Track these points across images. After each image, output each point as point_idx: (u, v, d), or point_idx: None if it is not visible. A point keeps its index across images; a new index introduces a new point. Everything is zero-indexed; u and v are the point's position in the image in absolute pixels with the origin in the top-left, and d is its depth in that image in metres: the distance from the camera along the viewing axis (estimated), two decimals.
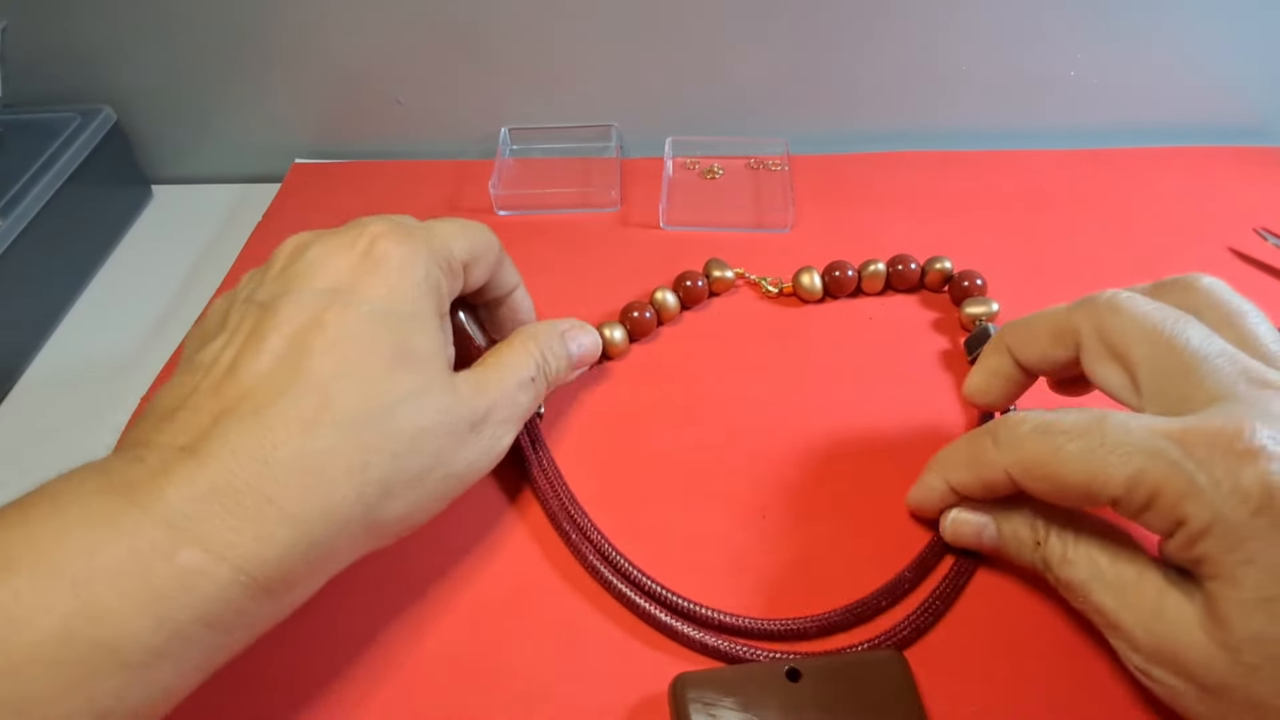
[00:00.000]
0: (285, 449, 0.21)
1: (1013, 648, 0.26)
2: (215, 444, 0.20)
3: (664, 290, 0.37)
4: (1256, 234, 0.40)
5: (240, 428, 0.21)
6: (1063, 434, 0.22)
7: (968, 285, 0.37)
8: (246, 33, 0.44)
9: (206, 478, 0.20)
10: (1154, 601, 0.22)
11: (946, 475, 0.27)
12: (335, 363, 0.22)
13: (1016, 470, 0.24)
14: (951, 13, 0.43)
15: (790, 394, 0.34)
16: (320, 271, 0.24)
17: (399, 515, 0.23)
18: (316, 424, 0.21)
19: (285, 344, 0.22)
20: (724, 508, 0.30)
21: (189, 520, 0.19)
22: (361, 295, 0.24)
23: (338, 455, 0.21)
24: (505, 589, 0.28)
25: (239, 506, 0.20)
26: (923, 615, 0.26)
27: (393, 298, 0.24)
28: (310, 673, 0.26)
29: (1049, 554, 0.25)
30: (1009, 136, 0.47)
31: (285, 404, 0.21)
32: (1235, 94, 0.46)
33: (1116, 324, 0.24)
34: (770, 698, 0.23)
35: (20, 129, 0.42)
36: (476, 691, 0.25)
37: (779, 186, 0.44)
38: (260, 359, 0.22)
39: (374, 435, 0.22)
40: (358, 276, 0.24)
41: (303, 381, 0.22)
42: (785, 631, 0.26)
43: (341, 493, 0.21)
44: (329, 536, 0.21)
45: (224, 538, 0.19)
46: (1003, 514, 0.26)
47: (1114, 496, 0.21)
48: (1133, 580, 0.23)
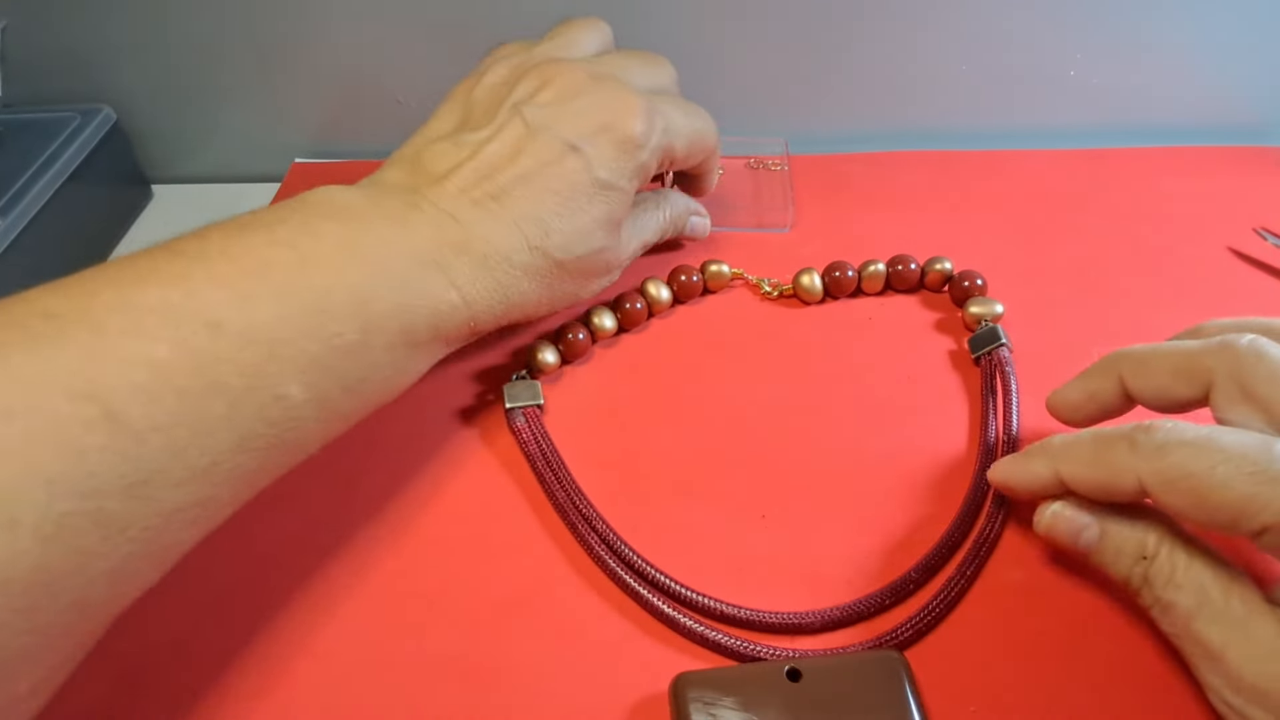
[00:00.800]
0: (516, 256, 0.28)
1: (1013, 649, 0.26)
2: (474, 227, 0.28)
3: (657, 283, 0.37)
4: (1256, 234, 0.40)
5: (493, 224, 0.28)
6: (1220, 452, 0.22)
7: (968, 285, 0.37)
8: (246, 33, 0.44)
9: (469, 250, 0.27)
10: (1269, 641, 0.21)
11: (1060, 465, 0.25)
12: (560, 205, 0.29)
13: (1155, 480, 0.23)
14: (951, 12, 0.43)
15: (791, 394, 0.34)
16: (580, 125, 0.30)
17: (542, 313, 0.31)
18: (536, 248, 0.29)
19: (534, 171, 0.29)
20: (724, 508, 0.30)
21: (454, 273, 0.27)
22: (598, 159, 0.30)
23: (540, 273, 0.29)
24: (506, 587, 0.28)
25: (483, 279, 0.28)
26: (926, 616, 0.26)
27: (617, 171, 0.30)
28: (309, 672, 0.26)
29: (1155, 572, 0.24)
30: (1009, 136, 0.47)
31: (524, 222, 0.29)
32: (1235, 94, 0.46)
33: (1260, 370, 0.23)
34: (771, 697, 0.23)
35: (20, 129, 0.42)
36: (476, 690, 0.25)
37: (779, 186, 0.44)
38: (515, 170, 0.29)
39: (564, 270, 0.30)
40: (602, 143, 0.30)
41: (538, 209, 0.29)
42: (786, 625, 0.26)
43: (531, 297, 0.30)
44: (511, 313, 0.29)
45: (471, 294, 0.27)
46: (1111, 518, 0.25)
47: (1266, 524, 0.21)
48: (1243, 616, 0.22)
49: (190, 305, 0.21)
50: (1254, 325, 0.25)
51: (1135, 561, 0.24)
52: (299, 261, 0.24)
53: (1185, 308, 0.37)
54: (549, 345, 0.34)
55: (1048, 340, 0.35)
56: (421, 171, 0.29)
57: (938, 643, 0.26)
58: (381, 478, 0.31)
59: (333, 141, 0.48)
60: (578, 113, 0.30)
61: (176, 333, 0.21)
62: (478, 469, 0.32)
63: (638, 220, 0.35)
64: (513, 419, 0.32)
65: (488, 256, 0.28)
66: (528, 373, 0.34)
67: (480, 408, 0.34)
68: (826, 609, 0.27)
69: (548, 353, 0.34)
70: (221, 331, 0.21)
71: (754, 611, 0.27)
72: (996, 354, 0.33)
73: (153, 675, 0.26)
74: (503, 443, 0.32)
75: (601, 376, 0.35)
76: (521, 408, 0.32)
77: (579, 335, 0.35)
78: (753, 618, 0.27)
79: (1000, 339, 0.34)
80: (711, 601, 0.27)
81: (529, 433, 0.32)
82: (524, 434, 0.32)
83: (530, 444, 0.31)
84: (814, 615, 0.27)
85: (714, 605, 0.27)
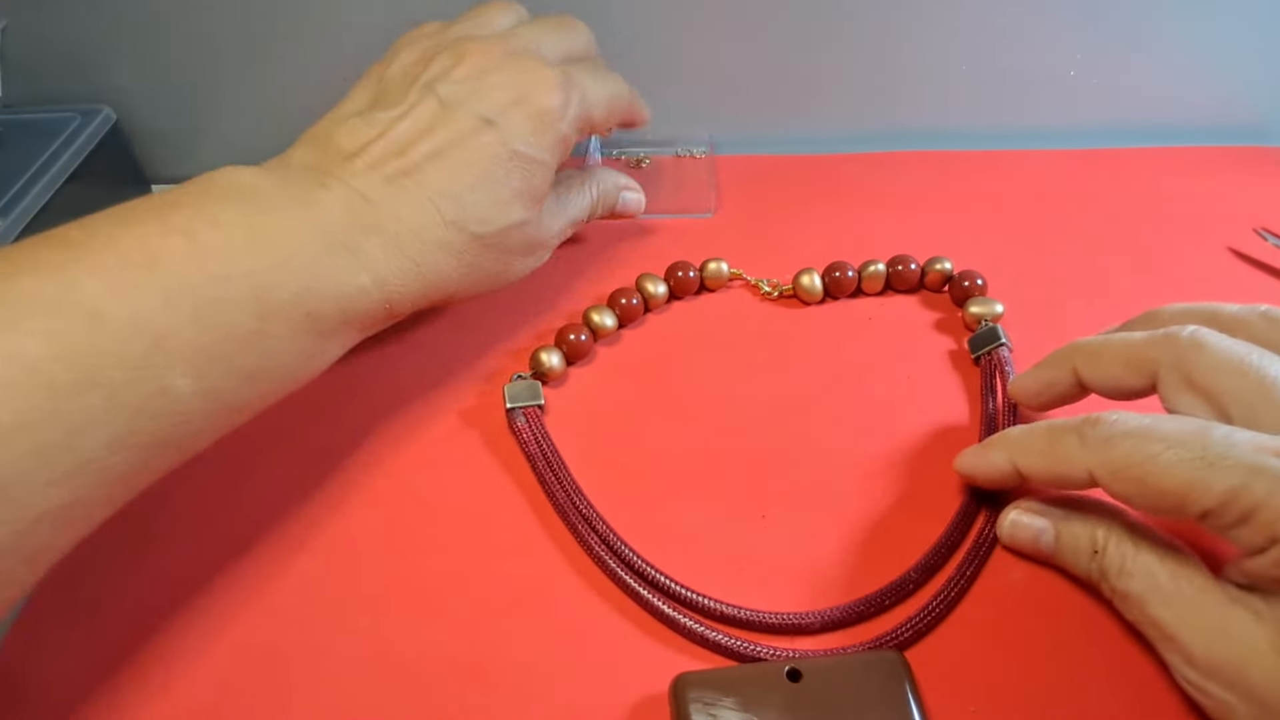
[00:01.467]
0: (430, 233, 0.28)
1: (1013, 649, 0.26)
2: (385, 205, 0.27)
3: (653, 279, 0.37)
4: (1256, 234, 0.40)
5: (406, 201, 0.28)
6: (1161, 441, 0.22)
7: (968, 285, 0.37)
8: (247, 33, 0.44)
9: (381, 229, 0.27)
10: (1217, 620, 0.22)
11: (1016, 457, 0.27)
12: (476, 179, 0.29)
13: (1102, 471, 0.24)
14: (951, 12, 0.43)
15: (792, 394, 0.34)
16: (494, 98, 0.30)
17: (465, 293, 0.31)
18: (453, 224, 0.28)
19: (448, 145, 0.29)
20: (724, 508, 0.30)
21: (365, 255, 0.27)
22: (514, 132, 0.30)
23: (459, 249, 0.29)
24: (506, 587, 0.28)
25: (397, 258, 0.27)
26: (926, 617, 0.26)
27: (534, 143, 0.30)
28: (310, 672, 0.26)
29: (1107, 564, 0.25)
30: (1009, 136, 0.47)
31: (438, 197, 0.28)
32: (1235, 94, 0.46)
33: (1200, 360, 0.24)
34: (771, 698, 0.23)
35: (20, 129, 0.42)
36: (475, 690, 0.25)
37: (702, 173, 0.45)
38: (428, 146, 0.28)
39: (483, 244, 0.30)
40: (518, 115, 0.30)
41: (453, 184, 0.29)
42: (787, 625, 0.27)
43: (450, 274, 0.29)
44: (430, 294, 0.29)
45: (384, 275, 0.27)
46: (1063, 520, 0.27)
47: (1206, 508, 0.21)
48: (1193, 597, 0.23)
49: (69, 296, 0.20)
50: (1202, 312, 0.26)
51: (1090, 557, 0.25)
52: (192, 249, 0.23)
53: None
54: (553, 349, 0.34)
55: (1048, 340, 0.35)
56: (331, 150, 0.29)
57: (938, 643, 0.26)
58: (381, 477, 0.31)
59: None
60: (492, 87, 0.30)
61: (51, 325, 0.20)
62: (478, 469, 0.32)
63: (564, 198, 0.34)
64: (513, 419, 0.32)
65: (399, 234, 0.27)
66: (531, 374, 0.34)
67: (481, 408, 0.34)
68: (826, 609, 0.27)
69: (553, 356, 0.34)
70: (101, 323, 0.21)
71: (754, 612, 0.27)
72: (996, 354, 0.34)
73: (150, 675, 0.26)
74: (504, 443, 0.32)
75: (603, 378, 0.35)
76: (522, 408, 0.32)
77: (581, 336, 0.35)
78: (753, 618, 0.27)
79: (1000, 339, 0.34)
80: (711, 602, 0.27)
81: (529, 433, 0.32)
82: (524, 434, 0.32)
83: (530, 444, 0.31)
84: (814, 615, 0.27)
85: (714, 605, 0.27)
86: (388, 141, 0.28)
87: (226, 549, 0.29)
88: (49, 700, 0.25)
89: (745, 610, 0.27)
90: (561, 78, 0.31)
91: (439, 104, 0.29)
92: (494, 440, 0.33)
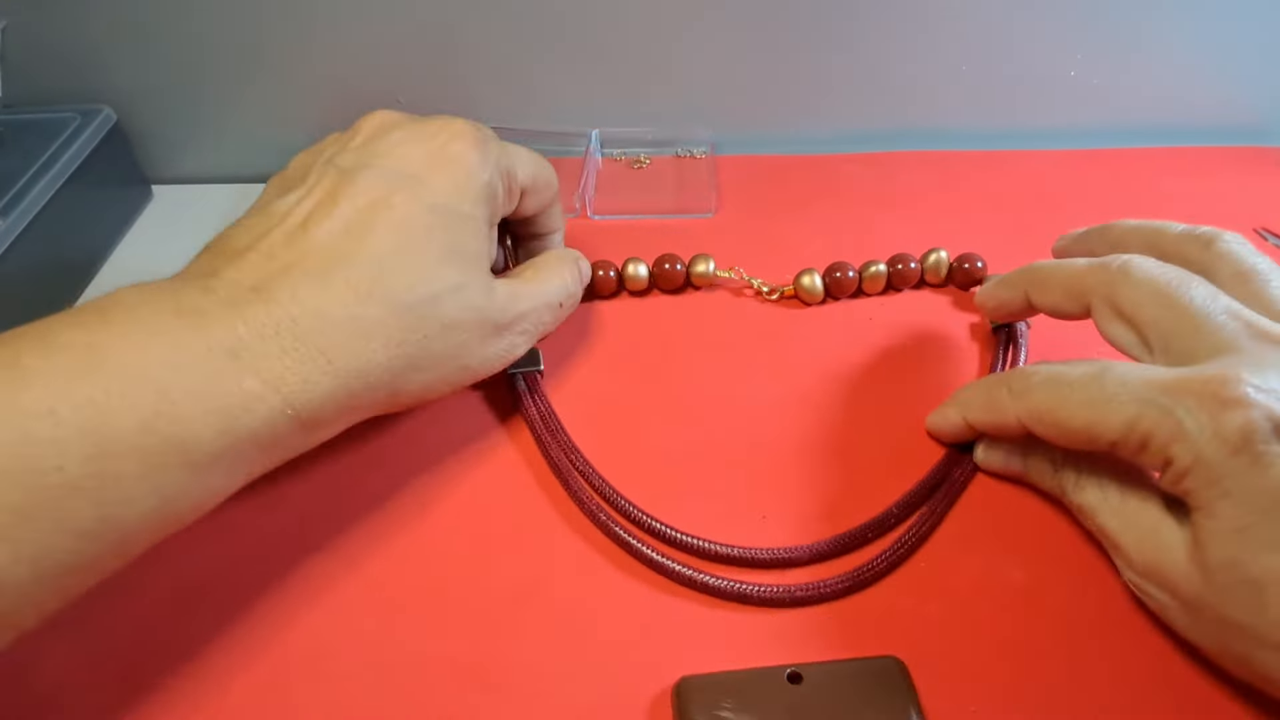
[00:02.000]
0: (341, 311, 0.24)
1: (1013, 651, 0.26)
2: (283, 291, 0.23)
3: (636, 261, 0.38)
4: (1257, 234, 0.40)
5: (306, 281, 0.24)
6: (1068, 385, 0.25)
7: (969, 269, 0.37)
8: (247, 32, 0.44)
9: (272, 320, 0.23)
10: (1151, 527, 0.25)
11: (965, 413, 0.30)
12: (395, 243, 0.25)
13: (1027, 417, 0.27)
14: (951, 12, 0.43)
15: (792, 395, 0.34)
16: (399, 154, 0.27)
17: (414, 391, 0.27)
18: (370, 296, 0.24)
19: (355, 213, 0.25)
20: (725, 508, 0.30)
21: (253, 355, 0.22)
22: (430, 186, 0.26)
23: (382, 326, 0.25)
24: (507, 586, 0.28)
25: (296, 351, 0.23)
26: (900, 549, 0.28)
27: (456, 196, 0.27)
28: (307, 672, 0.26)
29: (1064, 480, 0.28)
30: (1009, 136, 0.47)
31: (348, 269, 0.24)
32: (1235, 94, 0.46)
33: (1126, 288, 0.26)
34: (772, 700, 0.23)
35: (20, 129, 0.42)
36: (476, 690, 0.25)
37: (703, 173, 0.45)
38: (331, 221, 0.25)
39: (414, 316, 0.25)
40: (431, 168, 0.27)
41: (365, 253, 0.25)
42: (775, 560, 0.28)
43: (377, 359, 0.24)
44: (358, 392, 0.24)
45: (280, 375, 0.22)
46: (1032, 445, 0.29)
47: (1111, 440, 0.24)
48: (1135, 508, 0.25)
49: None
50: (1146, 231, 0.29)
51: (1052, 475, 0.28)
52: (8, 382, 0.19)
53: None
54: None
55: (1048, 341, 0.35)
56: (225, 251, 0.25)
57: (938, 644, 0.26)
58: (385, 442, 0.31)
59: None
60: (398, 143, 0.27)
61: None
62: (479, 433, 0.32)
63: (540, 277, 0.31)
64: (515, 383, 0.33)
65: (298, 321, 0.23)
66: None
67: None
68: (812, 543, 0.28)
69: None
70: None
71: (743, 549, 0.28)
72: (1014, 328, 0.35)
73: (148, 673, 0.26)
74: (503, 441, 0.32)
75: (604, 381, 0.35)
76: (523, 372, 0.34)
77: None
78: (741, 554, 0.28)
79: None
80: (700, 541, 0.28)
81: (530, 398, 0.33)
82: (525, 399, 0.33)
83: (530, 409, 0.32)
84: (801, 549, 0.28)
85: (703, 545, 0.28)
86: (286, 227, 0.25)
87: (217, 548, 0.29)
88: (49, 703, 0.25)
89: (734, 548, 0.28)
90: (473, 126, 0.29)
91: (339, 174, 0.26)
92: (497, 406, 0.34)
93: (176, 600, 0.28)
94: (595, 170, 0.46)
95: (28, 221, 0.38)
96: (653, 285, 0.39)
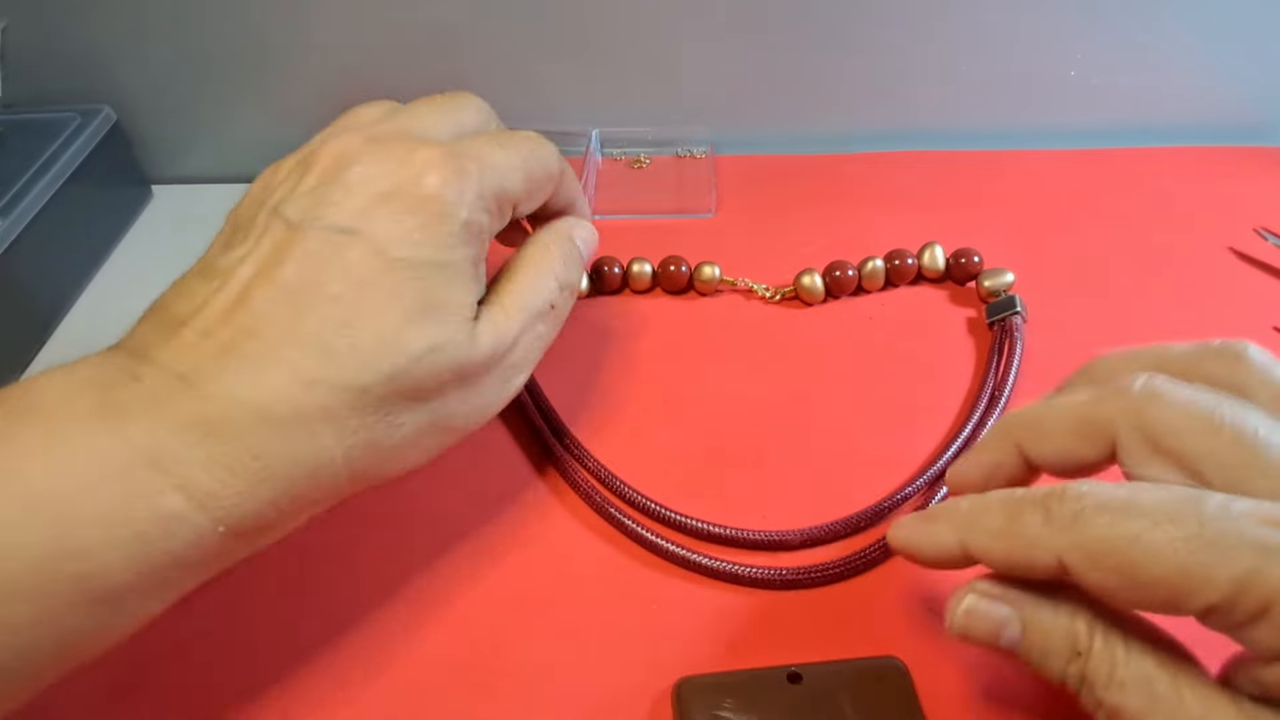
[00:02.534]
0: (281, 406, 0.20)
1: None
2: (213, 385, 0.20)
3: (641, 261, 0.38)
4: (1256, 234, 0.40)
5: (240, 373, 0.20)
6: (1144, 517, 0.18)
7: (965, 263, 0.37)
8: (246, 32, 0.44)
9: (200, 421, 0.19)
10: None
11: (966, 537, 0.21)
12: (347, 312, 0.21)
13: (1075, 556, 0.19)
14: (952, 13, 0.43)
15: (793, 395, 0.34)
16: (356, 199, 0.22)
17: (383, 474, 0.23)
18: (316, 383, 0.20)
19: (300, 279, 0.21)
20: (725, 508, 0.30)
21: (177, 463, 0.19)
22: (392, 237, 0.22)
23: (332, 416, 0.21)
24: (508, 587, 0.28)
25: (226, 457, 0.19)
26: None
27: (428, 243, 0.22)
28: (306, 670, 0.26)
29: (1093, 670, 0.19)
30: (1009, 136, 0.47)
31: (291, 349, 0.20)
32: (1235, 94, 0.46)
33: (1162, 417, 0.20)
34: (772, 700, 0.23)
35: (20, 129, 0.42)
36: (476, 690, 0.25)
37: (703, 173, 0.45)
38: (274, 288, 0.21)
39: (373, 398, 0.21)
40: (395, 212, 0.22)
41: (311, 328, 0.21)
42: (768, 542, 0.28)
43: (329, 454, 0.21)
44: (309, 490, 0.21)
45: (208, 488, 0.19)
46: (1032, 606, 0.20)
47: (1211, 603, 0.17)
48: (1200, 713, 0.18)
49: None
50: (1147, 356, 0.22)
51: (1069, 660, 0.20)
52: None
53: (1185, 308, 0.37)
54: None
55: (1049, 341, 0.35)
56: (164, 320, 0.22)
57: (937, 646, 0.26)
58: None
59: None
60: (351, 187, 0.22)
61: None
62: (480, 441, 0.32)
63: (516, 286, 0.26)
64: None
65: (232, 422, 0.20)
66: None
67: None
68: (806, 528, 0.28)
69: None
70: None
71: (737, 530, 0.28)
72: (1009, 321, 0.35)
73: (150, 678, 0.26)
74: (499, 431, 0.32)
75: (606, 381, 0.35)
76: None
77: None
78: (736, 535, 0.28)
79: (1016, 307, 0.35)
80: (695, 521, 0.28)
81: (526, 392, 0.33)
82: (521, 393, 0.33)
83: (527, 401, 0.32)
84: (794, 533, 0.28)
85: (698, 525, 0.28)
86: (225, 295, 0.21)
87: None
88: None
89: (729, 528, 0.28)
90: (444, 152, 0.24)
91: (287, 227, 0.22)
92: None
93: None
94: (595, 170, 0.46)
95: (28, 221, 0.38)
96: (656, 284, 0.39)
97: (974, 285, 0.38)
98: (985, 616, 0.21)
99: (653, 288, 0.39)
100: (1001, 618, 0.20)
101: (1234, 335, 0.35)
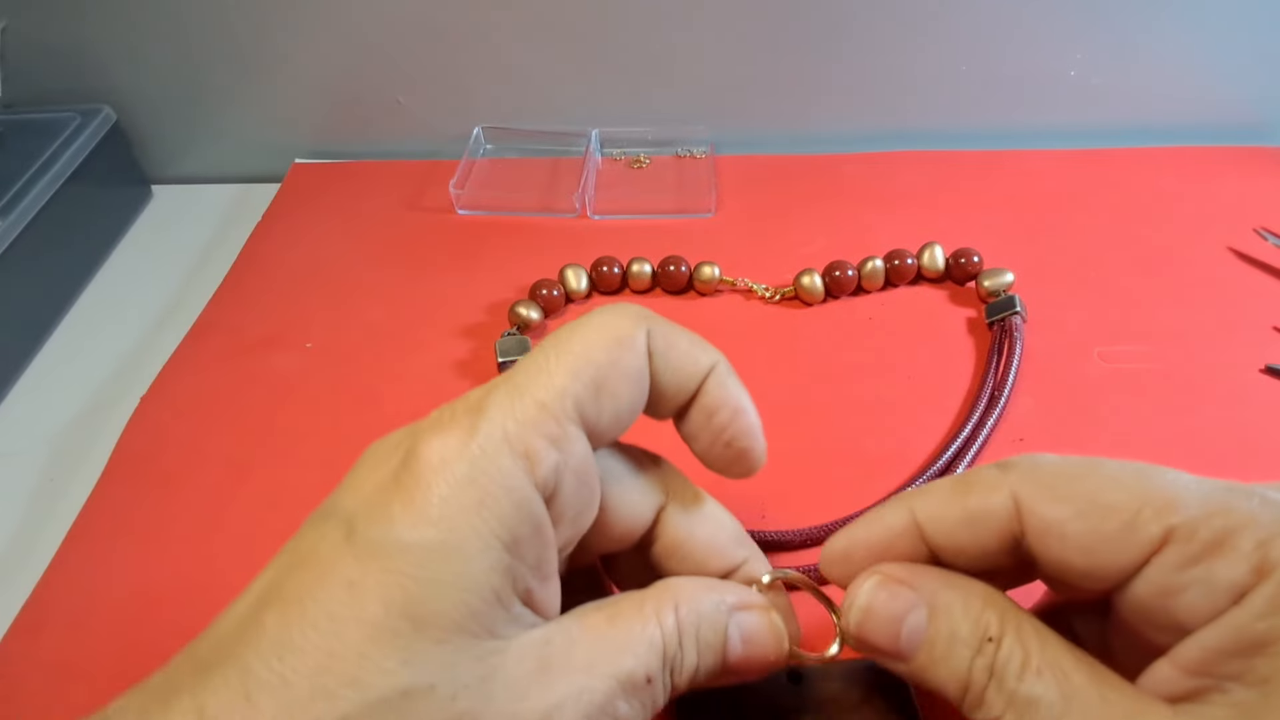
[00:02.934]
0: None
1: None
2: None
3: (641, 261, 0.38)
4: (1256, 234, 0.40)
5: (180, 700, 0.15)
6: (1096, 463, 0.18)
7: (965, 263, 0.38)
8: (246, 33, 0.44)
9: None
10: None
11: (915, 503, 0.19)
12: (291, 635, 0.15)
13: (1031, 489, 0.18)
14: (951, 12, 0.43)
15: (793, 395, 0.34)
16: (358, 478, 0.18)
17: None
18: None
19: (265, 583, 0.17)
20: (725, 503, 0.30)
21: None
22: (372, 520, 0.16)
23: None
24: None
25: None
26: None
27: (411, 523, 0.16)
28: None
29: (1004, 659, 0.17)
30: (1009, 136, 0.47)
31: (215, 682, 0.15)
32: (1235, 94, 0.46)
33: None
34: (772, 701, 0.23)
35: (20, 129, 0.42)
36: None
37: (703, 174, 0.45)
38: (239, 602, 0.17)
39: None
40: (381, 496, 0.16)
41: (240, 659, 0.15)
42: (769, 542, 0.28)
43: None
44: None
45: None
46: (942, 586, 0.18)
47: (1171, 524, 0.16)
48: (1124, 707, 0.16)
49: None
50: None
51: (977, 650, 0.18)
52: None
53: (1185, 308, 0.37)
54: (530, 303, 0.36)
55: (1049, 341, 0.35)
56: (192, 655, 0.17)
57: None
58: None
59: (333, 142, 0.48)
60: (362, 464, 0.18)
61: None
62: None
63: (573, 656, 0.17)
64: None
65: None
66: (517, 330, 0.36)
67: (473, 362, 0.35)
68: (804, 528, 0.28)
69: (531, 310, 0.36)
70: None
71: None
72: (1009, 321, 0.35)
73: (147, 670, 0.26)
74: None
75: None
76: (514, 361, 0.33)
77: (553, 291, 0.37)
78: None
79: (1015, 306, 0.35)
80: None
81: None
82: None
83: None
84: (793, 534, 0.28)
85: None
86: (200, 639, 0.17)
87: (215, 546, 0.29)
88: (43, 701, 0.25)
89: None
90: (443, 411, 0.18)
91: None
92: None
93: (165, 589, 0.28)
94: (595, 170, 0.46)
95: (28, 221, 0.38)
96: (655, 284, 0.39)
97: (974, 285, 0.38)
98: (887, 604, 0.18)
99: (652, 288, 0.39)
100: (907, 604, 0.18)
101: (1234, 335, 0.35)
